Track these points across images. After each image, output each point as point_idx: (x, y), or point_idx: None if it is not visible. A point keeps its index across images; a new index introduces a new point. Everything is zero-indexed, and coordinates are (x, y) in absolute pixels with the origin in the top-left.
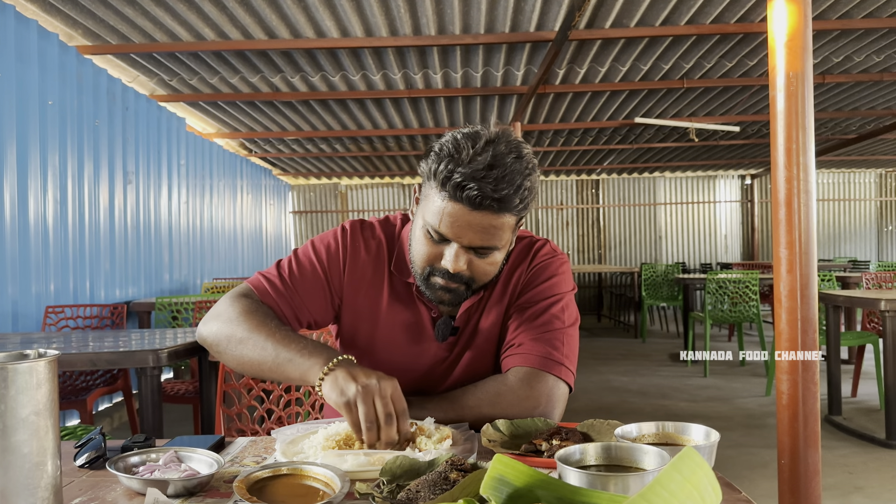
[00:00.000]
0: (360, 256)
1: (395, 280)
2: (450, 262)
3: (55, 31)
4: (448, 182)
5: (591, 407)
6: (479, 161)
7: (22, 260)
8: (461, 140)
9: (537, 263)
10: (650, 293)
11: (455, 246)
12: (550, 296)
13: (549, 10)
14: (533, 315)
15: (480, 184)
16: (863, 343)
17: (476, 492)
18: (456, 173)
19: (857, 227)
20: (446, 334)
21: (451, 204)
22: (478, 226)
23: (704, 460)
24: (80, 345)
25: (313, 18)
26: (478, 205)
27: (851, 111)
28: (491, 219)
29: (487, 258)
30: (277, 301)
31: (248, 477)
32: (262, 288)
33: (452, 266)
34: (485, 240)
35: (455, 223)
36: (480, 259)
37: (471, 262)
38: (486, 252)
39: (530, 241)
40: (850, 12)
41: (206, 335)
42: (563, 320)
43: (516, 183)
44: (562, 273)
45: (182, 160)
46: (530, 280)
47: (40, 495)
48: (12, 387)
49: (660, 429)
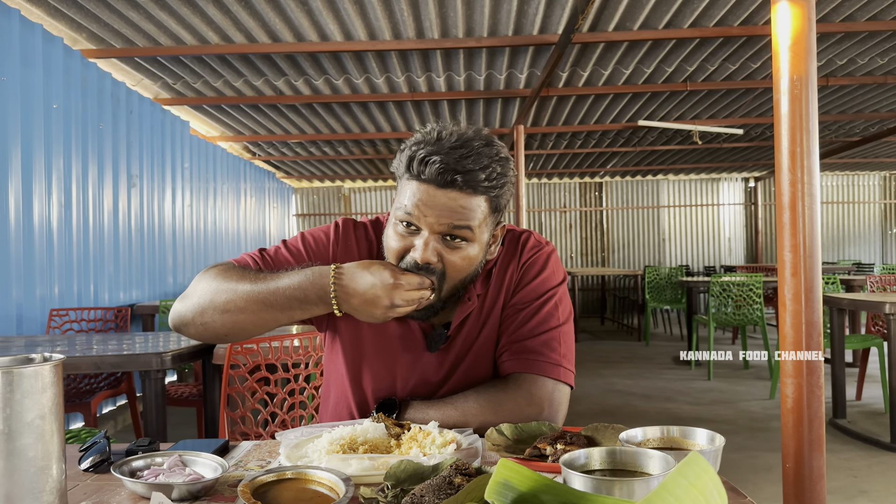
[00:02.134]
0: (353, 255)
1: None
2: (419, 251)
3: (60, 35)
4: (413, 161)
5: (595, 410)
6: (445, 141)
7: (26, 263)
8: (430, 128)
9: (527, 259)
10: (654, 296)
11: (424, 234)
12: (542, 293)
13: (552, 13)
14: (527, 316)
15: (445, 157)
16: (867, 346)
17: (481, 496)
18: (421, 151)
19: (862, 230)
20: (439, 345)
21: (418, 183)
22: (444, 205)
23: (710, 465)
24: (85, 348)
25: (317, 22)
26: (443, 180)
27: (855, 114)
28: (458, 197)
29: (459, 251)
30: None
31: (253, 481)
32: (243, 261)
33: (420, 255)
34: (453, 218)
35: (421, 202)
36: (451, 252)
37: (441, 254)
38: (457, 241)
39: (514, 234)
40: (853, 15)
41: (182, 310)
42: (558, 318)
43: (483, 162)
44: (551, 266)
45: (186, 163)
46: (522, 277)
47: (45, 499)
48: (17, 391)
49: (664, 433)
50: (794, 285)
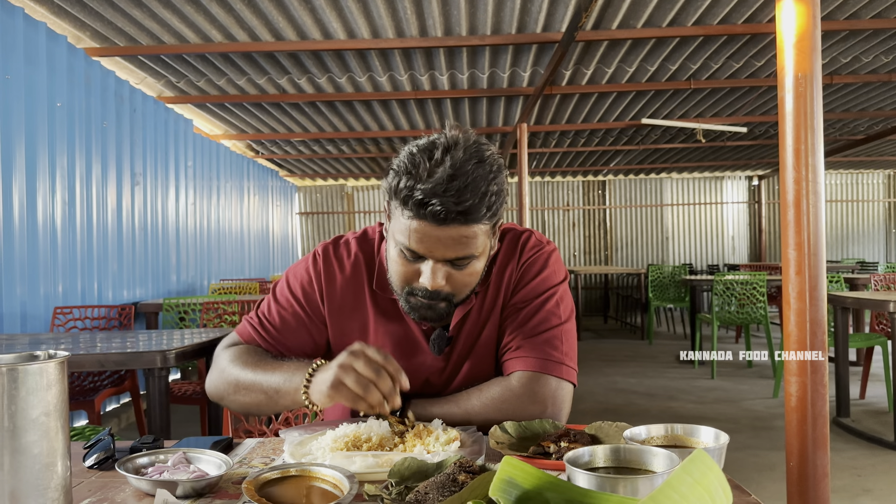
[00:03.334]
0: (337, 281)
1: (378, 297)
2: (427, 279)
3: (63, 34)
4: (410, 200)
5: (598, 408)
6: (439, 174)
7: (30, 261)
8: (417, 154)
9: (526, 259)
10: (657, 294)
11: (431, 263)
12: (543, 291)
13: (556, 11)
14: (528, 314)
15: (442, 199)
16: (871, 345)
17: (485, 494)
18: (416, 191)
19: (866, 229)
20: (442, 347)
21: (417, 222)
22: (448, 239)
23: (715, 462)
24: (88, 346)
25: (320, 20)
26: (443, 220)
27: (859, 112)
28: (460, 230)
29: (466, 269)
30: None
31: (257, 478)
32: (248, 335)
33: (430, 283)
34: (458, 251)
35: (424, 240)
36: (459, 271)
37: (449, 275)
38: (464, 263)
39: (515, 233)
40: (858, 13)
41: (209, 391)
42: (560, 315)
43: (480, 190)
44: (552, 265)
45: (189, 162)
46: (521, 277)
47: (50, 496)
48: (23, 388)
49: (668, 431)
50: (798, 283)
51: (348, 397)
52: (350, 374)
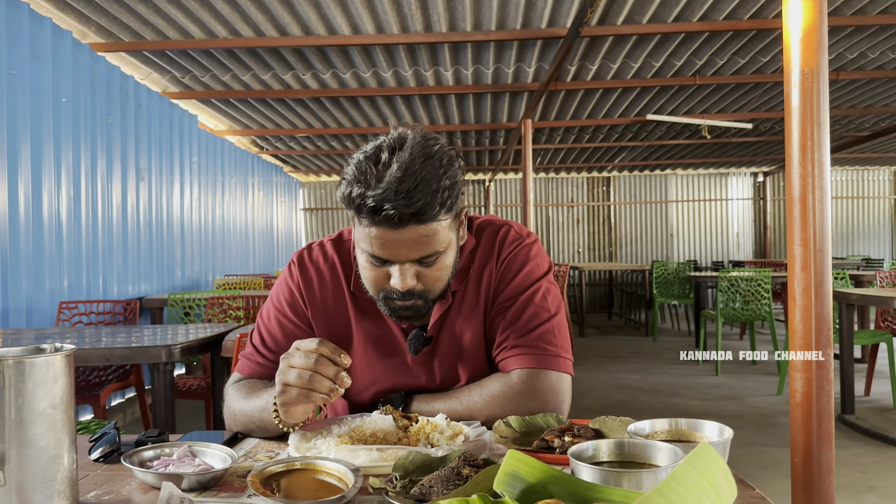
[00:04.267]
0: (315, 286)
1: (358, 299)
2: (397, 282)
3: (69, 29)
4: (363, 209)
5: (602, 405)
6: (387, 178)
7: (36, 256)
8: (364, 162)
9: (507, 255)
10: (661, 291)
11: (398, 266)
12: (528, 286)
13: (561, 6)
14: (518, 311)
15: (394, 203)
16: (876, 342)
17: (489, 487)
18: (367, 198)
19: (871, 225)
20: (419, 347)
21: (374, 228)
22: (408, 241)
23: (720, 456)
24: (94, 340)
25: (325, 16)
26: (398, 223)
27: (866, 108)
28: (418, 230)
29: (435, 265)
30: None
31: (262, 471)
32: (248, 369)
33: (401, 285)
34: (421, 251)
35: (385, 245)
36: (428, 268)
37: (419, 274)
38: (430, 260)
39: (493, 228)
40: (864, 8)
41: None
42: (549, 309)
43: (431, 188)
44: (533, 258)
45: (194, 157)
46: (504, 274)
47: (56, 488)
48: (29, 380)
49: (672, 425)
50: (803, 280)
51: (298, 395)
52: (290, 372)
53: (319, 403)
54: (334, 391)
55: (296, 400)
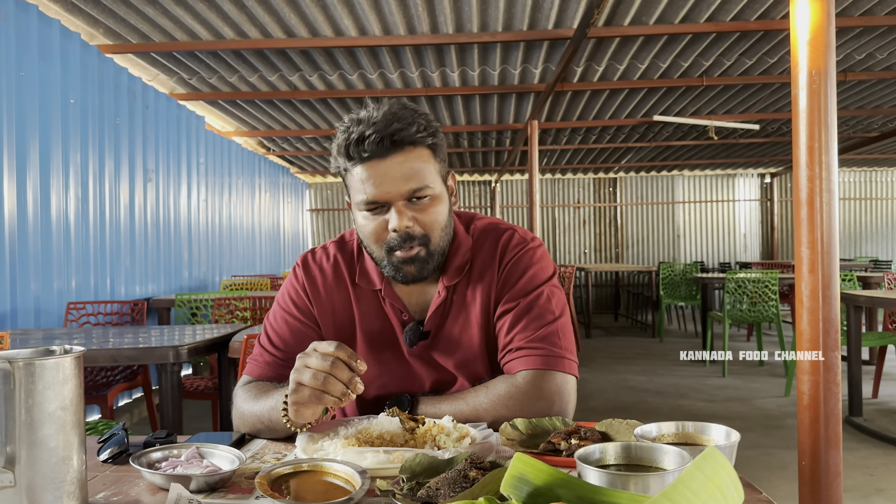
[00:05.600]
0: (319, 286)
1: (360, 293)
2: (395, 221)
3: (77, 31)
4: (349, 147)
5: (609, 406)
6: (369, 118)
7: (44, 257)
8: (349, 119)
9: (510, 259)
10: (668, 292)
11: (393, 209)
12: (533, 289)
13: (568, 7)
14: (522, 314)
15: (375, 128)
16: (884, 344)
17: (496, 490)
18: (352, 134)
19: (879, 227)
20: (415, 340)
21: (363, 166)
22: (397, 172)
23: (727, 460)
24: (101, 341)
25: (331, 17)
26: (384, 147)
27: (874, 109)
28: (405, 160)
29: (429, 208)
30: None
31: (270, 473)
32: (257, 371)
33: (398, 224)
34: (411, 183)
35: (376, 181)
36: (423, 212)
37: (414, 218)
38: (423, 199)
39: (497, 232)
40: (872, 9)
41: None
42: (553, 311)
43: (409, 117)
44: (537, 262)
45: (201, 158)
46: (507, 279)
47: (66, 489)
48: (39, 382)
49: (679, 429)
50: (811, 282)
51: (311, 396)
52: (305, 372)
53: (330, 406)
54: (346, 395)
55: (308, 400)
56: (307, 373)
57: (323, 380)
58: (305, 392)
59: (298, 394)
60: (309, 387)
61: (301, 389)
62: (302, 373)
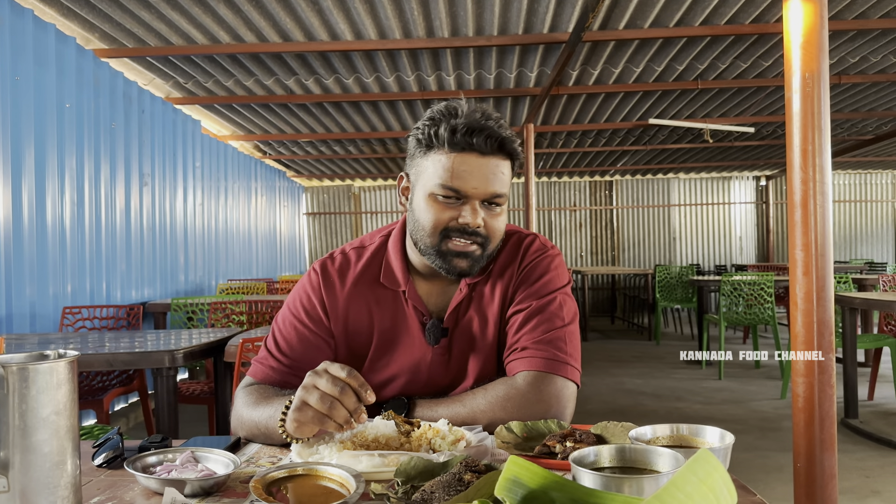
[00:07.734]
0: (336, 290)
1: (381, 296)
2: (469, 216)
3: (73, 35)
4: (455, 135)
5: (605, 409)
6: (473, 113)
7: (39, 261)
8: (449, 104)
9: (529, 262)
10: (664, 295)
11: (468, 205)
12: (546, 294)
13: (563, 11)
14: (531, 315)
15: (484, 126)
16: (879, 346)
17: (490, 493)
18: (460, 125)
19: (874, 229)
20: (438, 337)
21: (460, 156)
22: (489, 172)
23: (720, 462)
24: (97, 345)
25: (327, 21)
26: (489, 147)
27: (868, 112)
28: (499, 164)
29: (497, 215)
30: (278, 380)
31: (265, 477)
32: (261, 374)
33: (472, 220)
34: (496, 186)
35: (467, 173)
36: (492, 217)
37: (485, 220)
38: (496, 205)
39: (519, 236)
40: (866, 12)
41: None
42: (563, 318)
43: (510, 130)
44: (554, 269)
45: (197, 162)
46: (523, 280)
47: (60, 494)
48: (33, 386)
49: (674, 431)
50: (805, 284)
51: (314, 417)
52: (313, 393)
53: (331, 430)
54: (349, 424)
55: (310, 420)
56: (315, 394)
57: (329, 405)
58: (309, 413)
59: (302, 412)
60: (314, 409)
61: (306, 409)
62: (310, 393)
